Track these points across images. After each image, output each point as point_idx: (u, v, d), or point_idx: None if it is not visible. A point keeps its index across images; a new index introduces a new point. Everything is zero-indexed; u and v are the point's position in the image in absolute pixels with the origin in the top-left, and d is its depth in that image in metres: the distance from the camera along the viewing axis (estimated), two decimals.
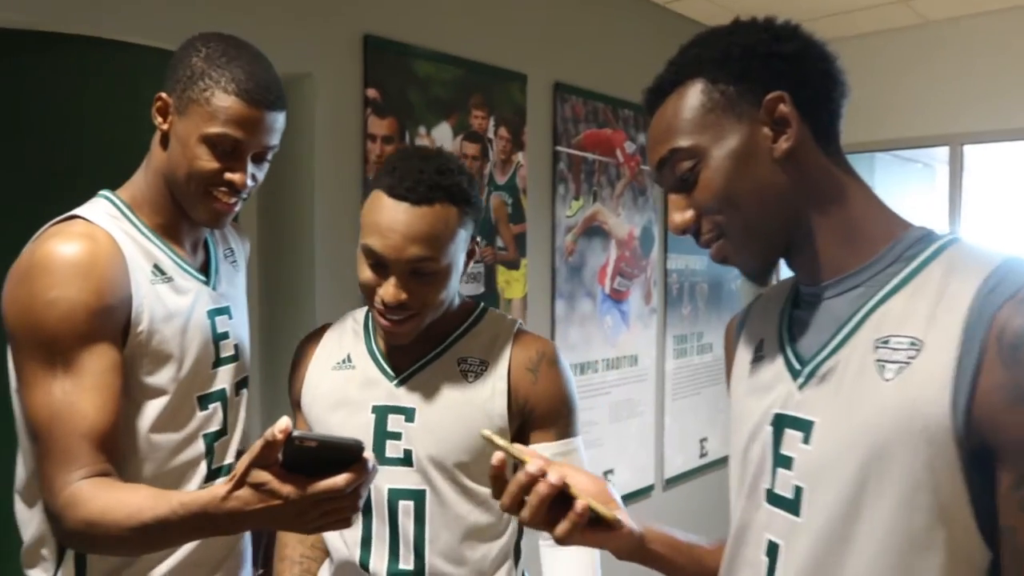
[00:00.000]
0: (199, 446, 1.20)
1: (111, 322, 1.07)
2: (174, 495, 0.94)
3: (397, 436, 1.20)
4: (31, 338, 1.04)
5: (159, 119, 1.15)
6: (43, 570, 1.15)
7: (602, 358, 3.18)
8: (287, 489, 0.82)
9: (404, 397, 1.23)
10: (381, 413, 1.22)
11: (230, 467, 1.23)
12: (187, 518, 0.90)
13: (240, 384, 1.30)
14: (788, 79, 0.79)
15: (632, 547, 0.91)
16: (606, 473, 3.23)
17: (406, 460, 1.20)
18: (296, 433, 0.80)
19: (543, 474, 0.82)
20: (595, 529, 0.86)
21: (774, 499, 0.82)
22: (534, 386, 1.23)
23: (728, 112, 0.79)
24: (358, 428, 1.21)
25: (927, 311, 0.72)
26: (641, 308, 3.39)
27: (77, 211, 1.13)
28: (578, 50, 3.04)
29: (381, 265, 1.13)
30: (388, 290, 1.12)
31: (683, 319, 3.65)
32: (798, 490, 0.78)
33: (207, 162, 1.11)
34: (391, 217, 1.11)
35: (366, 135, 2.30)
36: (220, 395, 1.24)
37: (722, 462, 3.93)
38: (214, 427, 1.22)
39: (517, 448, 0.85)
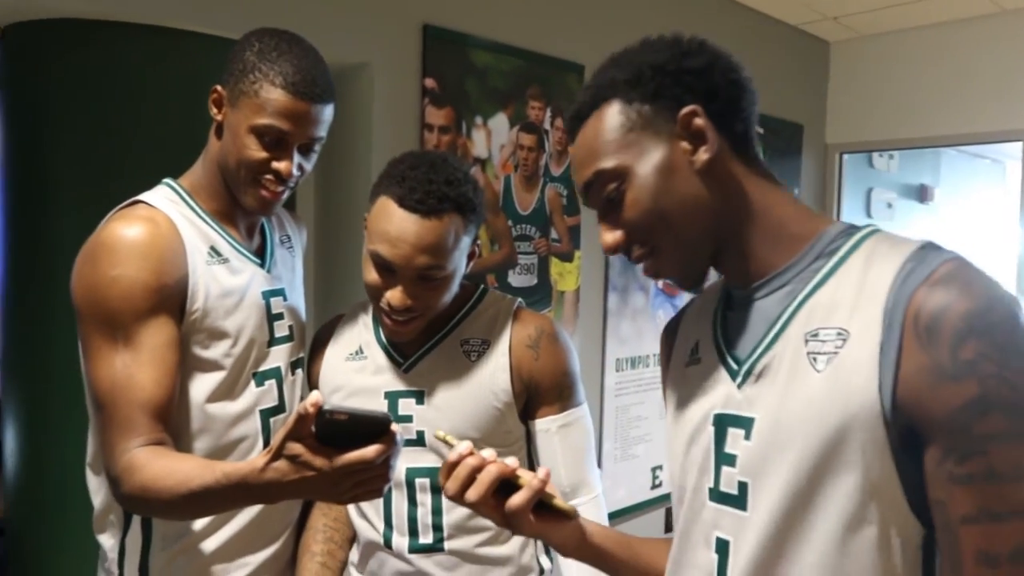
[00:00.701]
0: (255, 421, 1.25)
1: (168, 299, 1.13)
2: (219, 465, 0.98)
3: (408, 419, 1.26)
4: (95, 314, 1.11)
5: (214, 110, 1.22)
6: (111, 535, 1.23)
7: (653, 353, 3.15)
8: (319, 461, 0.85)
9: (412, 381, 1.28)
10: (392, 398, 1.28)
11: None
12: (229, 487, 0.94)
13: (295, 364, 1.35)
14: (699, 93, 0.81)
15: (576, 542, 0.94)
16: (654, 469, 3.20)
17: (419, 441, 1.26)
18: (327, 407, 0.82)
19: (493, 461, 0.87)
20: (544, 517, 0.89)
21: (720, 497, 0.84)
22: (536, 362, 1.27)
23: (647, 130, 0.82)
24: None
25: (851, 301, 0.76)
26: None
27: (141, 196, 1.20)
28: (636, 41, 2.99)
29: (388, 271, 1.17)
30: (395, 296, 1.17)
31: None
32: (743, 485, 0.81)
33: (255, 152, 1.16)
34: (401, 227, 1.14)
35: (423, 125, 2.31)
36: (275, 373, 1.29)
37: None
38: (269, 403, 1.27)
39: (472, 449, 0.90)
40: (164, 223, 1.16)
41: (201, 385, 1.19)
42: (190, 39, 1.84)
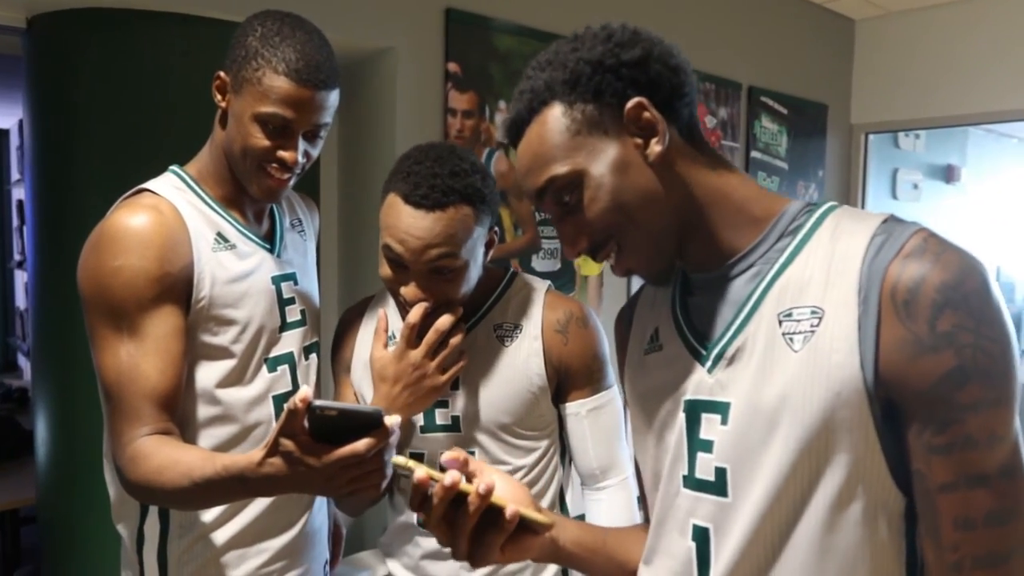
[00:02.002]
0: (268, 407, 1.24)
1: (173, 288, 1.12)
2: (220, 458, 0.97)
3: (444, 404, 1.26)
4: (100, 303, 1.10)
5: (218, 97, 1.19)
6: (129, 524, 1.23)
7: None
8: (310, 457, 0.85)
9: None
10: None
11: None
12: (228, 480, 0.94)
13: (309, 349, 1.34)
14: (641, 85, 0.79)
15: (549, 554, 0.92)
16: None
17: (454, 426, 1.26)
18: (317, 403, 0.82)
19: (456, 484, 0.80)
20: (518, 540, 0.86)
21: (695, 484, 0.82)
22: (565, 347, 1.27)
23: (594, 130, 0.80)
24: None
25: (822, 278, 0.75)
26: None
27: (146, 184, 1.19)
28: (659, 22, 2.97)
29: (401, 266, 1.16)
30: (410, 291, 1.16)
31: None
32: (720, 471, 0.80)
33: (259, 140, 1.15)
34: (408, 223, 1.13)
35: (446, 109, 2.30)
36: (288, 358, 1.28)
37: None
38: (283, 389, 1.26)
39: (432, 472, 0.82)
40: (168, 211, 1.14)
41: (211, 372, 1.18)
42: (215, 27, 1.84)
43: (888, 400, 0.72)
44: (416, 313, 1.16)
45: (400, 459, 0.84)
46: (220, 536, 1.22)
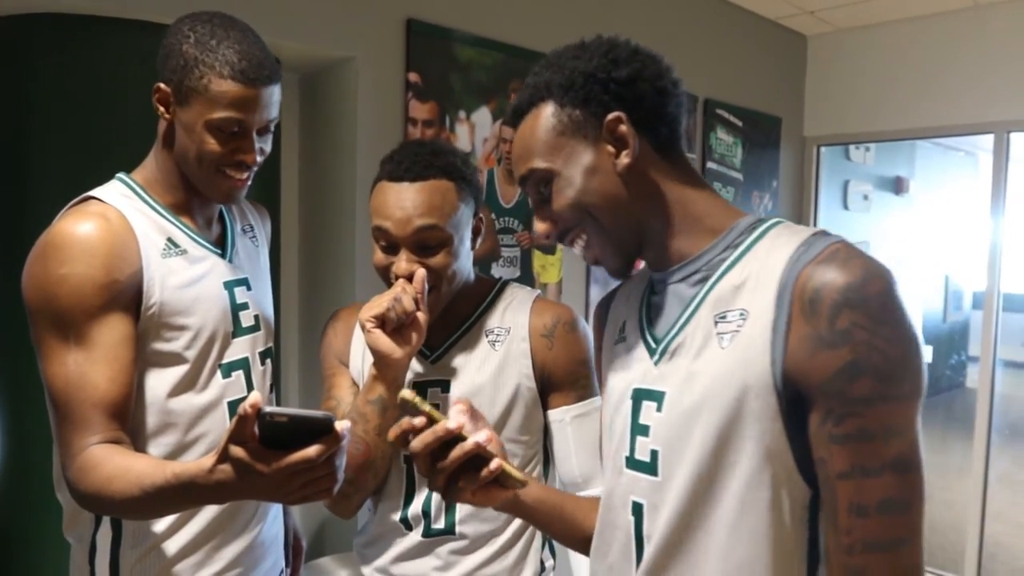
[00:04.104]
0: (222, 413, 1.24)
1: (121, 295, 1.12)
2: (169, 465, 0.97)
3: (436, 407, 1.26)
4: (46, 312, 1.09)
5: (161, 108, 1.19)
6: (82, 533, 1.22)
7: None
8: (259, 463, 0.85)
9: (439, 372, 1.31)
10: (421, 388, 1.30)
11: None
12: (179, 487, 0.93)
13: (264, 354, 1.34)
14: (625, 101, 0.88)
15: (509, 502, 0.99)
16: None
17: None
18: (267, 409, 0.83)
19: (459, 429, 0.88)
20: (488, 488, 0.92)
21: (633, 464, 0.92)
22: (550, 351, 1.29)
23: (576, 134, 0.89)
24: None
25: (752, 284, 0.84)
26: None
27: (93, 192, 1.19)
28: (617, 34, 3.03)
29: (391, 245, 1.22)
30: (401, 265, 1.21)
31: None
32: (654, 453, 0.89)
33: (214, 146, 1.15)
34: (394, 197, 1.20)
35: (407, 119, 2.33)
36: (243, 363, 1.28)
37: None
38: (237, 395, 1.26)
39: (435, 412, 0.90)
40: (115, 218, 1.14)
41: (164, 379, 1.18)
42: None
43: (796, 393, 0.79)
44: (403, 267, 1.20)
45: (408, 393, 0.88)
46: (172, 545, 1.21)
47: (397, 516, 1.31)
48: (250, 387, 1.29)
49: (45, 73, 1.81)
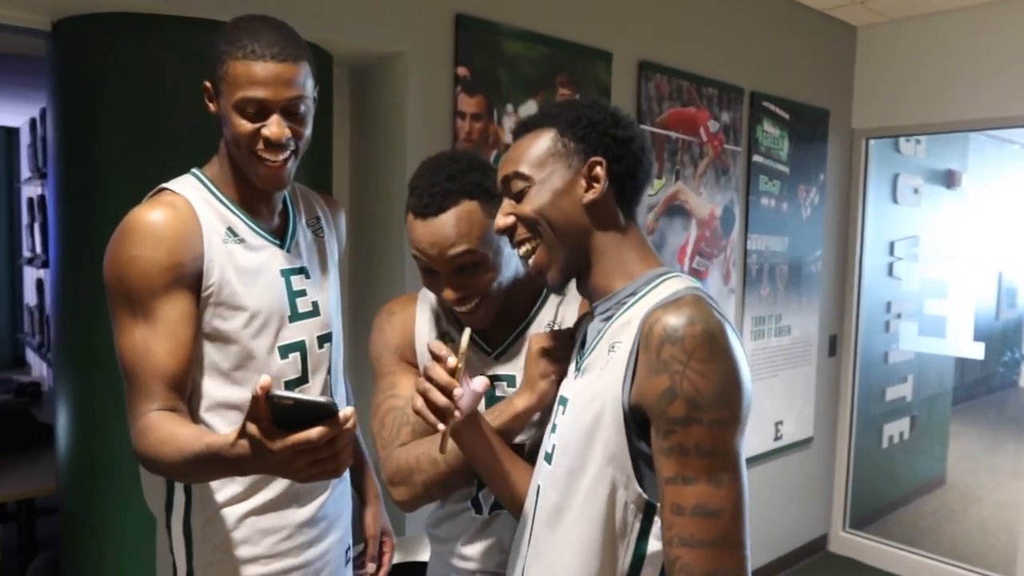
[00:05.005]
0: (278, 391, 1.30)
1: (183, 277, 1.22)
2: (206, 436, 1.06)
3: (494, 398, 1.32)
4: (118, 290, 1.21)
5: (209, 104, 1.28)
6: (159, 498, 1.34)
7: None
8: (269, 441, 0.92)
9: (503, 367, 1.34)
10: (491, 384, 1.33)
11: None
12: (209, 457, 1.02)
13: (323, 339, 1.41)
14: (611, 153, 1.06)
15: (471, 440, 1.16)
16: None
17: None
18: (274, 392, 0.89)
19: (486, 388, 1.13)
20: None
21: (546, 455, 1.13)
22: None
23: (563, 159, 1.07)
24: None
25: (631, 323, 1.02)
26: (720, 288, 3.37)
27: (167, 184, 1.31)
28: (663, 28, 3.02)
29: (432, 271, 1.26)
30: (448, 293, 1.26)
31: (761, 300, 3.61)
32: (554, 447, 1.10)
33: (243, 126, 1.23)
34: (421, 234, 1.24)
35: (456, 112, 2.36)
36: (299, 346, 1.36)
37: (797, 446, 3.90)
38: (293, 375, 1.35)
39: (460, 364, 1.08)
40: (183, 207, 1.25)
41: (224, 356, 1.28)
42: None
43: (640, 415, 0.98)
44: (450, 295, 1.26)
45: (466, 337, 1.07)
46: (237, 511, 1.31)
47: (467, 498, 1.35)
48: (306, 369, 1.36)
49: (109, 71, 1.88)
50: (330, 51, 2.20)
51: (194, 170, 1.35)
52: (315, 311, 1.39)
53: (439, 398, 1.06)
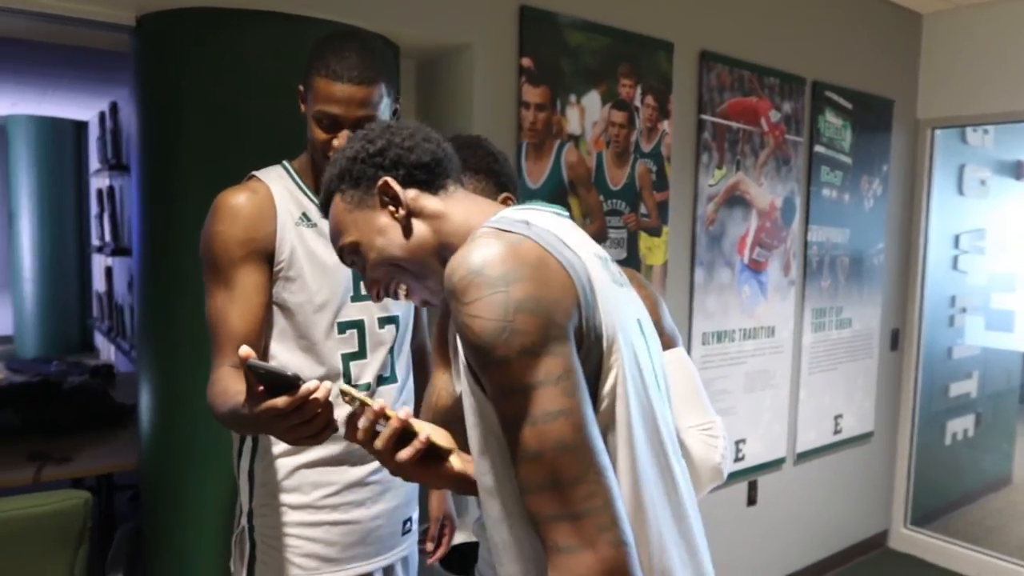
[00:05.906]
0: (335, 363, 1.48)
1: (257, 251, 1.41)
2: (242, 395, 1.13)
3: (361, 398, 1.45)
4: (206, 260, 1.41)
5: (301, 105, 1.46)
6: (234, 445, 1.54)
7: (739, 328, 3.18)
8: (252, 404, 1.02)
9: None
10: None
11: (367, 385, 1.52)
12: (239, 414, 1.13)
13: (386, 320, 1.55)
14: (387, 167, 1.05)
15: (453, 481, 1.07)
16: (738, 443, 3.24)
17: None
18: (251, 362, 0.97)
19: (383, 410, 1.00)
20: (427, 465, 1.04)
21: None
22: None
23: (362, 207, 1.06)
24: None
25: None
26: (780, 279, 3.35)
27: (255, 172, 1.50)
28: (725, 18, 3.01)
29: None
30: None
31: (822, 292, 3.57)
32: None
33: (319, 135, 1.40)
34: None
35: (520, 102, 2.39)
36: (358, 324, 1.51)
37: (856, 440, 3.85)
38: (350, 349, 1.50)
39: (365, 399, 1.00)
40: (263, 191, 1.44)
41: (288, 323, 1.45)
42: (318, 26, 1.96)
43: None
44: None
45: (345, 387, 0.98)
46: (290, 463, 1.47)
47: None
48: (362, 345, 1.51)
49: (193, 66, 1.95)
50: (398, 43, 2.25)
51: (284, 161, 1.53)
52: None
53: (391, 426, 1.02)
